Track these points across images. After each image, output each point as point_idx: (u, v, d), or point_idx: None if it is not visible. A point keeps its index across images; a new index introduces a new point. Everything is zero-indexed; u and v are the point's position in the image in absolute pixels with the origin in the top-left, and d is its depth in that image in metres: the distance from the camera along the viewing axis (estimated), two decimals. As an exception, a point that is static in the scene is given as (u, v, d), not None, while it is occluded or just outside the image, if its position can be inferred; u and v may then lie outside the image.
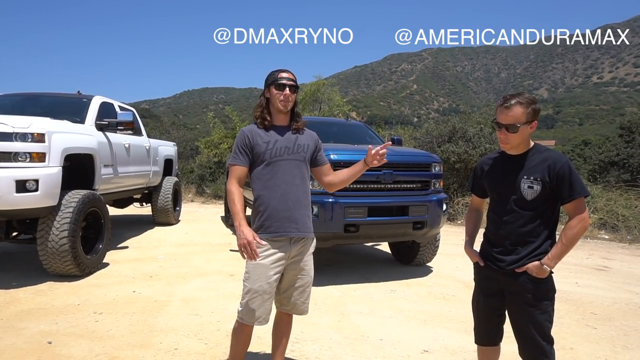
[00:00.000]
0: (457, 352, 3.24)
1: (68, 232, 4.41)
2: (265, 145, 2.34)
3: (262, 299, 2.32)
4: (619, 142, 16.98)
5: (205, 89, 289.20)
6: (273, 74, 2.40)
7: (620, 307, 4.43)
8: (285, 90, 2.35)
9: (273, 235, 2.32)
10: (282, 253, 2.34)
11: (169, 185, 8.44)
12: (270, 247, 2.31)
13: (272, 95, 2.37)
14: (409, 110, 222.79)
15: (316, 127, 3.62)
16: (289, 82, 2.36)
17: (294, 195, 2.37)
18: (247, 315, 2.34)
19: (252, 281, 2.31)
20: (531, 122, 2.03)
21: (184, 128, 28.65)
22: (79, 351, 3.01)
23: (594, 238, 8.67)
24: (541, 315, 2.04)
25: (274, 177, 2.34)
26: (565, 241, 1.98)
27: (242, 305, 2.35)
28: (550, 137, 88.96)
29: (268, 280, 2.31)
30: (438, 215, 5.04)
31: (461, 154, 10.47)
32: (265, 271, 2.30)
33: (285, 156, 2.36)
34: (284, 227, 2.33)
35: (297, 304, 2.50)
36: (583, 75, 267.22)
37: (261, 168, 2.35)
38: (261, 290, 2.31)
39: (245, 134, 2.38)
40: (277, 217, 2.32)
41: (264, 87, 2.43)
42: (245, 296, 2.33)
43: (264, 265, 2.30)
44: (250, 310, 2.32)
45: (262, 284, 2.31)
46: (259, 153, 2.34)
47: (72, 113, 5.59)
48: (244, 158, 2.36)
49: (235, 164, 2.36)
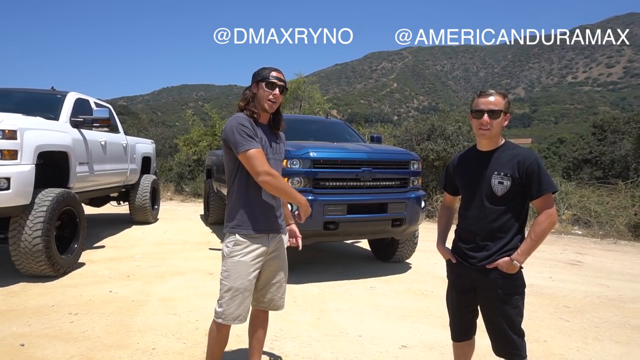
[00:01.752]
0: (435, 346, 3.29)
1: (41, 231, 4.31)
2: (259, 141, 2.27)
3: (242, 297, 2.30)
4: (592, 140, 17.49)
5: (185, 86, 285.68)
6: (264, 70, 2.32)
7: (591, 300, 4.57)
8: (275, 90, 2.29)
9: (257, 232, 2.30)
10: (262, 249, 2.33)
11: (147, 183, 8.32)
12: (251, 244, 2.29)
13: (261, 92, 2.30)
14: (389, 108, 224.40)
15: (296, 124, 3.64)
16: (279, 82, 2.31)
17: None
18: (227, 315, 2.31)
19: (232, 279, 2.28)
20: (506, 114, 2.11)
21: (162, 125, 28.21)
22: (53, 353, 2.95)
23: (568, 234, 8.91)
24: (512, 310, 2.09)
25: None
26: (534, 236, 2.03)
27: (222, 305, 2.31)
28: (527, 135, 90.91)
29: (248, 277, 2.30)
30: (416, 212, 5.10)
31: (440, 151, 10.60)
32: (246, 268, 2.28)
33: (270, 155, 2.33)
34: (267, 223, 2.34)
35: (275, 300, 2.50)
36: (558, 74, 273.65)
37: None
38: (242, 288, 2.29)
39: (248, 120, 2.25)
40: (263, 213, 2.32)
41: (252, 82, 2.35)
42: (225, 295, 2.29)
43: (245, 263, 2.28)
44: (230, 309, 2.30)
45: (243, 282, 2.28)
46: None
47: (46, 109, 5.45)
48: (255, 139, 2.21)
49: (256, 147, 2.18)
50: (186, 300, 4.13)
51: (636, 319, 4.03)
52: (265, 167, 2.17)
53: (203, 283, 4.70)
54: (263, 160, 2.18)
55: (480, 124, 2.09)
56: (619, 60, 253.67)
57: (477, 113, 2.10)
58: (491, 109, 2.06)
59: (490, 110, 2.06)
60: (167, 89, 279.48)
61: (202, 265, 5.43)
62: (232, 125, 2.21)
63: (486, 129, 2.08)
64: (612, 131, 16.85)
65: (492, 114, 2.06)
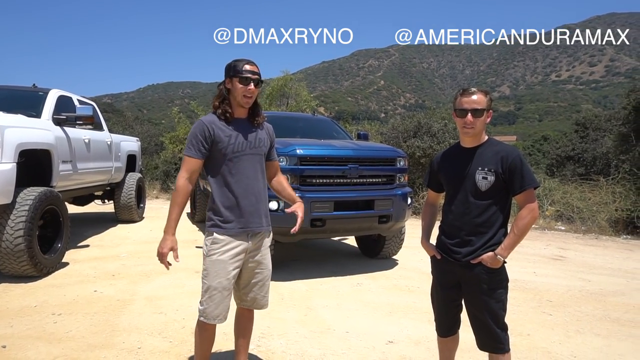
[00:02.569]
0: (421, 341, 3.32)
1: (24, 231, 4.23)
2: (227, 140, 2.24)
3: (221, 296, 2.28)
4: (575, 138, 17.79)
5: (171, 83, 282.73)
6: (236, 64, 2.25)
7: (573, 294, 4.66)
8: (250, 85, 2.23)
9: (236, 230, 2.27)
10: (241, 247, 2.30)
11: (132, 181, 8.23)
12: (229, 242, 2.26)
13: (235, 88, 2.25)
14: (376, 105, 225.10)
15: (283, 122, 3.64)
16: (254, 76, 2.24)
17: (256, 190, 2.34)
18: (207, 314, 2.29)
19: (211, 278, 2.26)
20: (489, 111, 2.14)
21: (148, 123, 27.91)
22: (35, 354, 2.90)
23: (551, 229, 9.06)
24: (496, 304, 2.12)
25: (237, 172, 2.27)
26: (517, 231, 2.07)
27: (202, 304, 2.30)
28: (511, 132, 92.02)
29: (227, 276, 2.27)
30: (403, 209, 5.14)
31: (426, 148, 10.68)
32: (225, 267, 2.26)
33: (247, 151, 2.29)
34: (247, 222, 2.30)
35: (258, 299, 2.47)
36: (542, 73, 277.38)
37: (222, 163, 2.26)
38: (220, 287, 2.26)
39: (205, 125, 2.23)
40: (240, 212, 2.28)
41: (225, 77, 2.29)
42: (205, 294, 2.29)
43: (223, 261, 2.25)
44: (210, 308, 2.28)
45: (222, 280, 2.26)
46: (221, 147, 2.24)
47: (27, 107, 5.35)
48: (201, 151, 2.23)
49: (192, 156, 2.23)
50: (172, 298, 4.11)
51: (616, 312, 4.12)
52: (181, 178, 2.23)
53: (189, 281, 4.67)
54: (188, 169, 2.24)
55: (464, 123, 2.12)
56: (601, 59, 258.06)
57: (461, 112, 2.13)
58: (474, 107, 2.10)
59: (474, 110, 2.10)
60: (152, 86, 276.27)
61: (189, 264, 5.38)
62: (192, 131, 2.27)
63: (470, 127, 2.12)
64: (594, 129, 17.15)
65: (475, 112, 2.09)
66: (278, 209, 4.55)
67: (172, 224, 2.21)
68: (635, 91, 11.27)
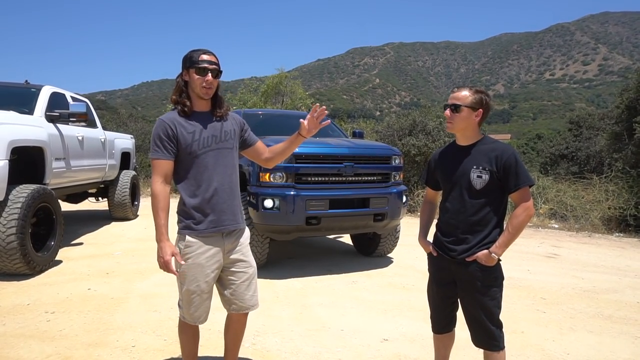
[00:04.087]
0: (416, 339, 3.33)
1: (16, 228, 4.20)
2: (190, 137, 2.12)
3: (201, 299, 2.21)
4: (569, 136, 17.88)
5: (165, 81, 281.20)
6: (192, 55, 2.13)
7: (567, 292, 4.69)
8: (207, 75, 2.11)
9: (209, 231, 2.17)
10: (217, 248, 2.20)
11: (127, 179, 8.19)
12: (204, 244, 2.16)
13: (192, 79, 2.12)
14: (372, 103, 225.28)
15: (278, 119, 3.63)
16: (211, 66, 2.12)
17: (228, 187, 2.23)
18: (187, 316, 2.25)
19: (188, 282, 2.17)
20: (477, 109, 2.12)
21: (142, 120, 27.72)
22: (28, 352, 2.88)
23: (545, 227, 9.11)
24: (490, 301, 2.13)
25: (205, 170, 2.15)
26: (512, 229, 2.07)
27: (182, 306, 2.25)
28: (506, 130, 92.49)
29: (206, 279, 2.18)
30: (398, 207, 5.14)
31: (421, 147, 10.71)
32: (202, 270, 2.17)
33: (214, 146, 2.17)
34: (220, 220, 2.19)
35: (246, 299, 2.33)
36: (537, 71, 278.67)
37: (188, 161, 2.14)
38: (199, 291, 2.18)
39: (166, 123, 2.10)
40: (211, 211, 2.17)
41: (182, 69, 2.16)
42: (183, 295, 2.21)
43: (200, 265, 2.16)
44: (190, 311, 2.22)
45: (200, 284, 2.18)
46: (185, 145, 2.11)
47: (20, 103, 5.30)
48: (169, 150, 2.11)
49: (160, 157, 2.10)
50: (167, 296, 4.09)
51: (609, 310, 4.15)
52: (155, 184, 2.11)
53: (184, 279, 4.65)
54: (160, 173, 2.11)
55: (446, 117, 2.18)
56: (595, 58, 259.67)
57: (444, 107, 2.20)
58: (453, 103, 2.14)
59: (453, 105, 2.13)
60: (147, 83, 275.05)
61: (183, 262, 5.37)
62: (154, 132, 2.14)
63: (448, 122, 2.18)
64: (588, 127, 17.26)
65: (453, 108, 2.13)
66: (273, 207, 4.55)
67: (163, 231, 2.08)
68: (628, 90, 11.34)
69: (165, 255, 2.06)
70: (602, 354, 3.18)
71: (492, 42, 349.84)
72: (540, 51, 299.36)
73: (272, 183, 4.63)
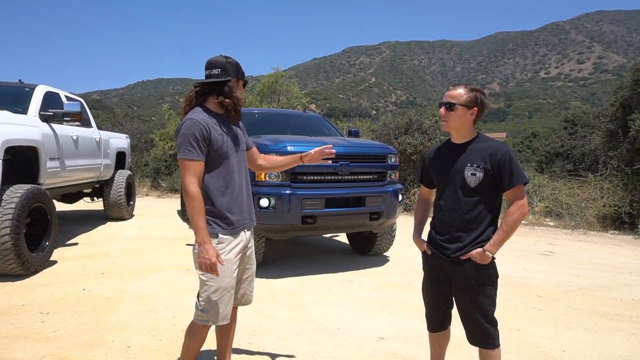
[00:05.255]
0: (412, 337, 3.33)
1: (10, 229, 4.17)
2: (221, 138, 2.19)
3: (230, 295, 2.26)
4: (564, 135, 17.94)
5: (161, 80, 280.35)
6: (240, 67, 2.27)
7: (562, 289, 4.71)
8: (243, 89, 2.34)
9: (238, 229, 2.27)
10: (242, 245, 2.31)
11: (122, 178, 8.15)
12: (233, 241, 2.25)
13: (239, 90, 2.26)
14: (368, 102, 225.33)
15: (274, 119, 3.62)
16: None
17: (247, 187, 2.36)
18: (214, 316, 2.23)
19: (220, 279, 2.18)
20: (471, 108, 2.12)
21: (138, 120, 27.65)
22: (22, 354, 2.86)
23: (541, 225, 9.14)
24: (485, 300, 2.13)
25: (232, 170, 2.25)
26: (506, 227, 2.07)
27: (208, 306, 2.21)
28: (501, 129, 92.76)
29: (234, 274, 2.27)
30: (394, 206, 5.15)
31: (417, 145, 10.72)
32: (232, 266, 2.24)
33: (236, 148, 2.29)
34: (244, 219, 2.31)
35: (247, 294, 2.48)
36: (532, 70, 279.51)
37: (218, 162, 2.20)
38: (229, 286, 2.24)
39: (201, 124, 2.13)
40: (237, 210, 2.27)
41: (232, 75, 2.23)
42: (213, 295, 2.20)
43: (230, 260, 2.23)
44: (218, 309, 2.22)
45: (230, 280, 2.24)
46: (217, 147, 2.17)
47: (13, 103, 5.26)
48: (203, 152, 2.14)
49: (196, 158, 2.11)
50: (163, 296, 4.07)
51: (604, 307, 4.17)
52: (191, 184, 2.09)
53: (180, 279, 4.64)
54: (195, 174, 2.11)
55: (441, 115, 2.18)
56: (589, 56, 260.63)
57: (439, 105, 2.21)
58: (447, 101, 2.14)
59: (447, 103, 2.14)
60: (142, 82, 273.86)
61: (179, 261, 5.36)
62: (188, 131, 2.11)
63: (443, 120, 2.18)
64: (583, 125, 17.32)
65: (448, 106, 2.14)
66: (269, 206, 4.54)
67: (205, 232, 2.10)
68: (623, 88, 11.40)
69: (212, 256, 2.08)
70: (597, 351, 3.19)
71: (488, 40, 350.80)
72: (535, 50, 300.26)
73: (268, 182, 4.62)
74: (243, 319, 3.55)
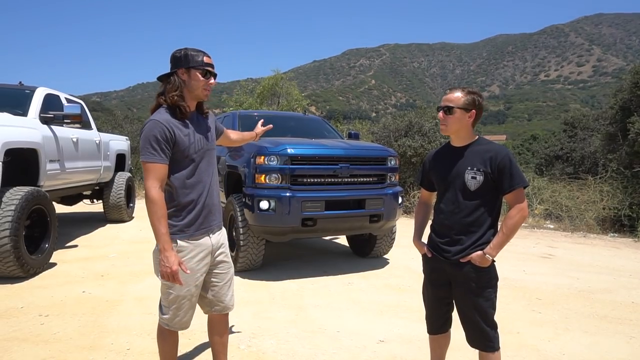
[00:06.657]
0: (412, 340, 3.33)
1: (10, 231, 4.17)
2: (187, 140, 2.07)
3: (190, 303, 2.20)
4: (563, 137, 17.97)
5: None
6: (193, 55, 2.09)
7: (562, 292, 4.70)
8: (211, 79, 2.13)
9: (200, 232, 2.15)
10: (207, 250, 2.19)
11: (122, 181, 8.16)
12: (195, 248, 2.14)
13: (194, 80, 2.08)
14: (367, 105, 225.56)
15: (274, 121, 3.62)
16: (214, 70, 2.15)
17: (215, 188, 2.24)
18: (174, 323, 2.20)
19: (179, 287, 2.10)
20: (470, 110, 2.12)
21: (138, 122, 27.61)
22: (22, 356, 2.86)
23: (540, 228, 9.14)
24: (485, 302, 2.13)
25: (198, 173, 2.14)
26: (506, 230, 2.07)
27: (168, 313, 2.19)
28: (501, 131, 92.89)
29: (196, 282, 2.17)
30: (394, 208, 5.14)
31: (417, 148, 10.73)
32: (193, 274, 2.13)
33: (205, 147, 2.18)
34: (208, 221, 2.19)
35: (226, 300, 2.35)
36: (532, 72, 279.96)
37: (184, 163, 2.09)
38: (189, 295, 2.16)
39: (163, 125, 2.01)
40: (202, 212, 2.16)
41: (178, 67, 2.09)
42: (172, 304, 2.16)
43: (192, 269, 2.12)
44: (177, 317, 2.19)
45: (190, 288, 2.15)
46: (183, 148, 2.06)
47: (13, 105, 5.27)
48: (166, 154, 2.02)
49: (157, 161, 1.99)
50: (162, 299, 4.07)
51: (603, 310, 4.17)
52: (152, 189, 1.98)
53: (179, 281, 4.63)
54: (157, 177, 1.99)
55: (439, 119, 2.19)
56: (589, 59, 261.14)
57: (437, 109, 2.21)
58: (446, 105, 2.14)
59: (446, 107, 2.14)
60: (142, 84, 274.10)
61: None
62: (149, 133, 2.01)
63: (442, 124, 2.18)
64: (582, 128, 17.36)
65: (446, 110, 2.14)
66: (269, 208, 4.53)
67: (167, 239, 1.99)
68: (622, 91, 11.42)
69: (173, 264, 1.98)
70: (597, 354, 3.19)
71: (487, 43, 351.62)
72: (535, 52, 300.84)
73: (268, 184, 4.62)
74: (242, 321, 3.55)
